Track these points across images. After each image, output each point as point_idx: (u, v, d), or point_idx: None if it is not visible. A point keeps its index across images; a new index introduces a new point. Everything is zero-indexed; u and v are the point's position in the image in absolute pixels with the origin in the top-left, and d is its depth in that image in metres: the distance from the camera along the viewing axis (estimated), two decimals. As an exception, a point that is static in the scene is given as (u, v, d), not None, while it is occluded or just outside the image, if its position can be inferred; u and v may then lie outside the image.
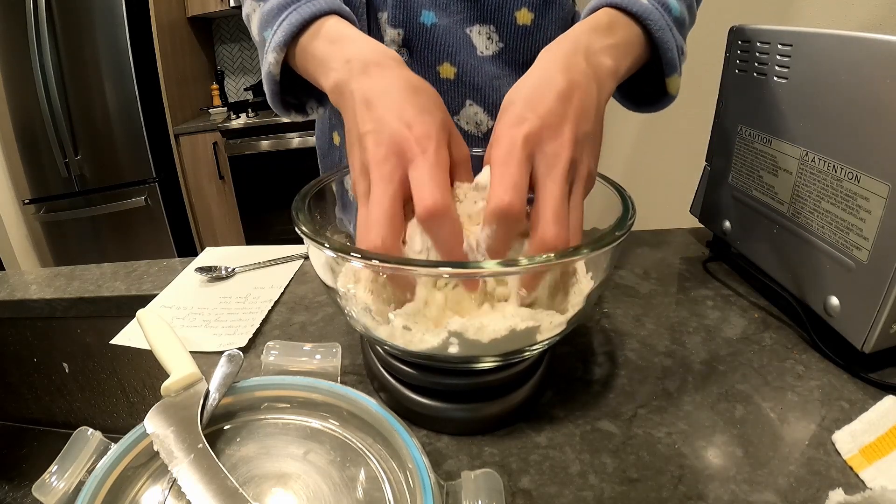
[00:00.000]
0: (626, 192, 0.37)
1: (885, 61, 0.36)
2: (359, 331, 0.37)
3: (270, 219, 2.49)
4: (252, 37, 0.49)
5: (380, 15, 0.55)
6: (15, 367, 0.64)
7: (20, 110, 2.13)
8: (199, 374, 0.36)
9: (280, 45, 0.41)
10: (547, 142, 0.32)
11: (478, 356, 0.34)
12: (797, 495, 0.31)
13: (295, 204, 0.37)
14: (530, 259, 0.30)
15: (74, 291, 0.62)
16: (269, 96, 0.45)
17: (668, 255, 0.62)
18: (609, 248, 0.32)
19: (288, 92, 0.47)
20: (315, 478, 0.32)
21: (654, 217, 1.24)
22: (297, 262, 0.65)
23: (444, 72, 0.56)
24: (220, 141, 2.34)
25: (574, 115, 0.33)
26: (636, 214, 0.34)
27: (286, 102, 0.47)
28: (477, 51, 0.56)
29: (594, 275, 0.35)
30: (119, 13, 2.04)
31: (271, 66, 0.42)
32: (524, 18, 0.55)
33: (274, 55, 0.41)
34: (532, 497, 0.32)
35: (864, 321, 0.39)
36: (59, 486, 0.29)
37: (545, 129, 0.32)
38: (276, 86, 0.44)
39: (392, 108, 0.33)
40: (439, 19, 0.54)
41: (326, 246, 0.31)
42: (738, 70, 0.53)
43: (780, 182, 0.48)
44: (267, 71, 0.43)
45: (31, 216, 2.30)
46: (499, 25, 0.55)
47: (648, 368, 0.43)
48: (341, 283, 0.36)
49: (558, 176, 0.31)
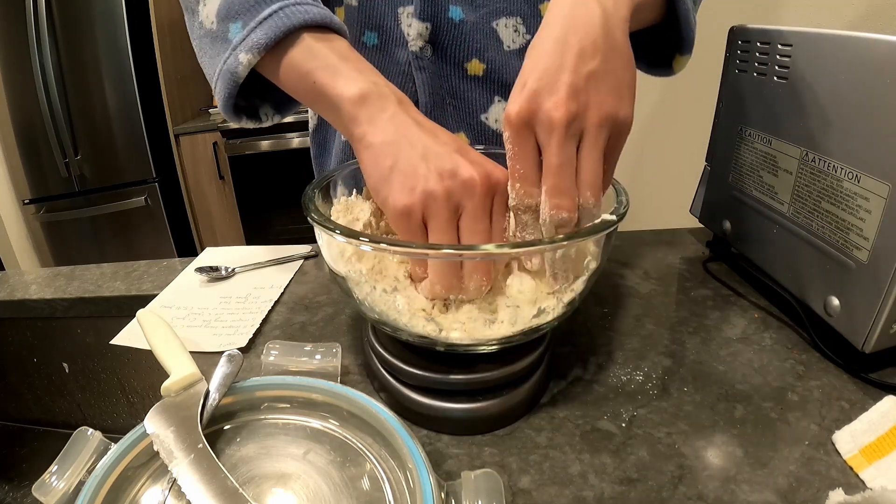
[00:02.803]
0: (618, 184, 0.38)
1: (885, 61, 0.36)
2: (371, 316, 0.37)
3: (270, 219, 2.49)
4: (194, 14, 0.43)
5: (401, 10, 0.54)
6: (15, 367, 0.64)
7: (20, 110, 2.12)
8: (199, 374, 0.36)
9: (260, 47, 0.37)
10: (542, 108, 0.31)
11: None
12: (797, 495, 0.31)
13: (306, 195, 0.38)
14: (519, 244, 0.33)
15: (74, 291, 0.62)
16: (223, 98, 0.40)
17: (667, 255, 0.62)
18: (599, 236, 0.34)
19: (241, 95, 0.43)
20: (315, 478, 0.32)
21: (654, 217, 1.25)
22: (297, 263, 0.65)
23: (472, 69, 0.55)
24: (220, 141, 2.34)
25: (571, 62, 0.31)
26: (629, 203, 0.36)
27: (237, 106, 0.43)
28: (503, 45, 0.55)
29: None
30: (119, 13, 2.04)
31: (240, 68, 0.38)
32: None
33: (248, 56, 0.38)
34: (532, 497, 0.32)
35: (864, 321, 0.39)
36: (59, 486, 0.29)
37: (540, 93, 0.31)
38: (236, 89, 0.40)
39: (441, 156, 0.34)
40: (466, 14, 0.54)
41: (338, 232, 0.32)
42: (738, 70, 0.53)
43: (780, 182, 0.48)
44: (230, 70, 0.39)
45: (31, 216, 2.29)
46: (525, 17, 0.55)
47: (649, 368, 0.43)
48: (355, 267, 0.36)
49: (554, 144, 0.31)
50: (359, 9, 0.56)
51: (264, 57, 0.38)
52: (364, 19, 0.56)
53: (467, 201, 0.33)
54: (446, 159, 0.33)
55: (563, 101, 0.31)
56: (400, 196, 0.32)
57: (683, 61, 0.43)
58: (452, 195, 0.32)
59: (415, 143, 0.33)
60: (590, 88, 0.31)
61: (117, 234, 2.37)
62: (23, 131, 2.16)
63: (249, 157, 2.36)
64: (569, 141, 0.31)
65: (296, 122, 2.29)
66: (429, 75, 0.56)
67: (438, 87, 0.56)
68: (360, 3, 0.55)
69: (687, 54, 0.42)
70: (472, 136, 0.59)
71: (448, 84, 0.57)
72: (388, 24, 0.55)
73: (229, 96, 0.40)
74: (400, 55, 0.56)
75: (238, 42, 0.38)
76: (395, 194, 0.33)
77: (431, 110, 0.57)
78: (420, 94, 0.56)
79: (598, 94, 0.31)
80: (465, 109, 0.58)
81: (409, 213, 0.32)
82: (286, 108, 0.48)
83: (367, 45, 0.57)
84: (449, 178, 0.32)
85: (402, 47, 0.56)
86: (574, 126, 0.31)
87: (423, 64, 0.55)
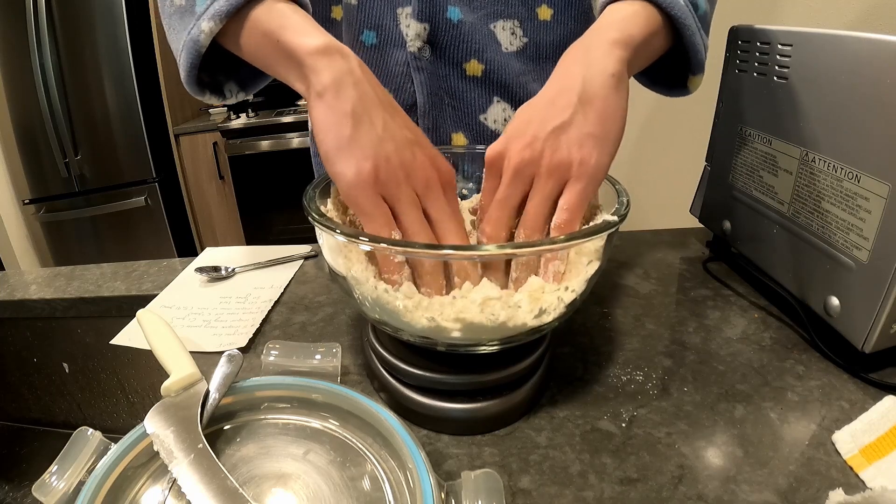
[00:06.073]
0: (619, 184, 0.39)
1: (884, 61, 0.36)
2: (372, 316, 0.37)
3: (270, 219, 2.49)
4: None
5: (399, 10, 0.54)
6: (15, 367, 0.64)
7: (20, 110, 2.13)
8: (199, 374, 0.36)
9: (222, 14, 0.37)
10: (506, 153, 0.36)
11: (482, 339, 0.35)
12: (797, 495, 0.31)
13: (306, 194, 0.38)
14: (522, 244, 0.35)
15: (74, 291, 0.62)
16: (186, 70, 0.40)
17: (668, 255, 0.62)
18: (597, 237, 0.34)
19: (203, 69, 0.43)
20: (315, 478, 0.32)
21: (654, 217, 1.25)
22: (297, 263, 0.65)
23: (470, 69, 0.55)
24: (220, 141, 2.34)
25: (543, 116, 0.35)
26: (630, 203, 0.36)
27: (201, 80, 0.43)
28: (501, 47, 0.55)
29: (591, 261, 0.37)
30: (119, 13, 2.04)
31: (202, 36, 0.38)
32: (545, 14, 0.55)
33: (210, 24, 0.37)
34: (532, 497, 0.32)
35: (864, 321, 0.39)
36: (59, 486, 0.29)
37: (510, 140, 0.36)
38: (199, 59, 0.39)
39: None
40: (465, 15, 0.54)
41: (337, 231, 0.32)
42: (738, 70, 0.53)
43: (780, 182, 0.48)
44: (193, 39, 0.38)
45: (31, 216, 2.30)
46: (522, 20, 0.55)
47: (648, 368, 0.43)
48: (356, 269, 0.36)
49: (503, 182, 0.36)
50: (358, 8, 0.56)
51: (227, 25, 0.38)
52: (363, 18, 0.56)
53: (425, 189, 0.36)
54: (405, 147, 0.35)
55: (520, 148, 0.35)
56: (363, 164, 0.33)
57: (697, 81, 0.44)
58: (411, 178, 0.35)
59: (375, 123, 0.34)
60: (549, 139, 0.34)
61: (117, 234, 2.37)
62: (23, 131, 2.16)
63: (249, 157, 2.36)
64: (515, 181, 0.35)
65: (296, 122, 2.29)
66: (427, 76, 0.55)
67: (437, 87, 0.56)
68: (360, 3, 0.55)
69: (700, 74, 0.43)
70: (470, 136, 0.59)
71: (447, 84, 0.57)
72: (387, 23, 0.55)
73: (192, 67, 0.40)
74: (398, 55, 0.56)
75: (202, 12, 0.38)
76: (357, 163, 0.34)
77: (430, 111, 0.57)
78: (419, 95, 0.56)
79: (555, 145, 0.34)
80: (463, 110, 0.58)
81: (369, 186, 0.34)
82: (251, 85, 0.48)
83: (365, 44, 0.57)
84: (410, 163, 0.35)
85: (400, 47, 0.56)
86: (526, 171, 0.35)
87: (421, 64, 0.55)
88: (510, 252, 0.33)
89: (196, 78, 0.42)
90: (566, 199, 0.35)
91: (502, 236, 0.37)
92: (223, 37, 0.39)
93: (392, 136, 0.35)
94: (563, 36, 0.57)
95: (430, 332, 0.34)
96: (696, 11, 0.40)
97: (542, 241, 0.34)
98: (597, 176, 0.35)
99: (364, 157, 0.34)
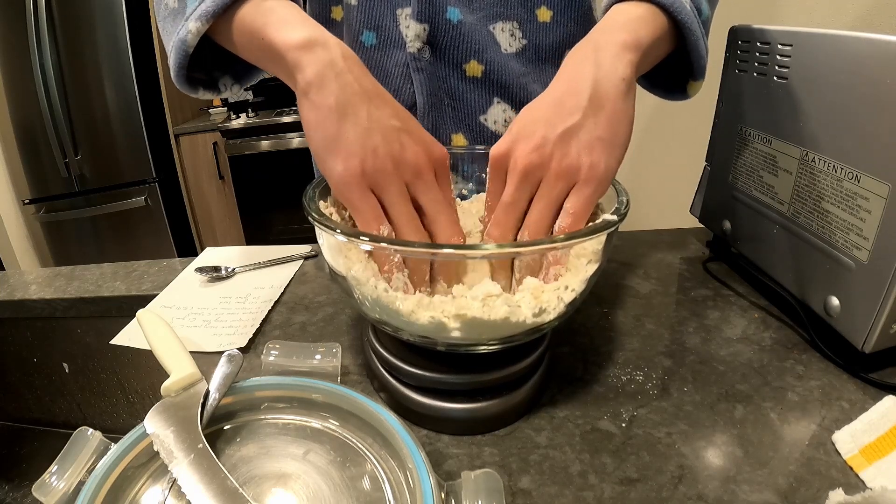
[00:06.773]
0: (619, 184, 0.39)
1: (884, 61, 0.36)
2: (372, 316, 0.37)
3: (270, 219, 2.49)
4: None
5: (399, 11, 0.54)
6: (15, 367, 0.64)
7: (20, 110, 2.12)
8: (199, 374, 0.36)
9: (208, 14, 0.37)
10: (513, 154, 0.35)
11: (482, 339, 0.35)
12: (797, 495, 0.31)
13: (306, 194, 0.38)
14: (521, 243, 0.35)
15: (74, 291, 0.62)
16: (176, 70, 0.41)
17: (668, 255, 0.62)
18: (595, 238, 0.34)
19: (197, 67, 0.44)
20: (315, 478, 0.32)
21: (654, 217, 1.25)
22: (297, 263, 0.65)
23: (470, 70, 0.55)
24: (220, 141, 2.34)
25: (552, 118, 0.34)
26: (629, 203, 0.36)
27: (192, 78, 0.44)
28: (501, 48, 0.55)
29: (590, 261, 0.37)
30: (119, 13, 2.04)
31: (189, 36, 0.38)
32: (544, 16, 0.55)
33: (197, 24, 0.38)
34: (532, 497, 0.32)
35: (864, 321, 0.39)
36: (59, 486, 0.29)
37: (517, 140, 0.35)
38: (187, 59, 0.40)
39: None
40: (464, 16, 0.54)
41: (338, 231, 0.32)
42: (738, 70, 0.53)
43: (780, 182, 0.48)
44: (181, 39, 0.39)
45: (31, 216, 2.30)
46: (521, 22, 0.55)
47: (648, 368, 0.43)
48: (356, 269, 0.36)
49: (510, 185, 0.36)
50: (357, 9, 0.56)
51: (218, 23, 0.38)
52: (363, 19, 0.56)
53: (415, 178, 0.36)
54: (393, 137, 0.35)
55: (528, 150, 0.34)
56: (350, 160, 0.34)
57: (697, 86, 0.44)
58: (400, 168, 0.35)
59: (359, 115, 0.34)
60: (559, 142, 0.34)
61: (117, 234, 2.37)
62: (23, 131, 2.16)
63: (249, 157, 2.36)
64: (523, 185, 0.35)
65: (296, 122, 2.29)
66: (427, 76, 0.55)
67: (437, 88, 0.56)
68: (359, 3, 0.55)
69: (700, 79, 0.43)
70: (470, 137, 0.59)
71: (446, 85, 0.57)
72: (387, 24, 0.55)
73: (180, 66, 0.40)
74: (398, 56, 0.56)
75: (190, 13, 0.38)
76: (345, 159, 0.34)
77: (430, 111, 0.57)
78: (418, 95, 0.56)
79: (564, 148, 0.34)
80: (463, 111, 0.58)
81: (357, 181, 0.34)
82: (246, 79, 0.48)
83: (365, 44, 0.57)
84: (398, 153, 0.35)
85: (400, 48, 0.56)
86: (534, 174, 0.35)
87: (421, 65, 0.55)
88: (510, 251, 0.33)
89: (186, 77, 0.42)
90: (573, 204, 0.34)
91: (510, 239, 0.37)
92: (216, 35, 0.40)
93: (378, 127, 0.34)
94: (563, 38, 0.57)
95: (431, 332, 0.34)
96: (700, 16, 0.40)
97: (542, 241, 0.34)
98: (605, 181, 0.35)
99: (350, 152, 0.34)
